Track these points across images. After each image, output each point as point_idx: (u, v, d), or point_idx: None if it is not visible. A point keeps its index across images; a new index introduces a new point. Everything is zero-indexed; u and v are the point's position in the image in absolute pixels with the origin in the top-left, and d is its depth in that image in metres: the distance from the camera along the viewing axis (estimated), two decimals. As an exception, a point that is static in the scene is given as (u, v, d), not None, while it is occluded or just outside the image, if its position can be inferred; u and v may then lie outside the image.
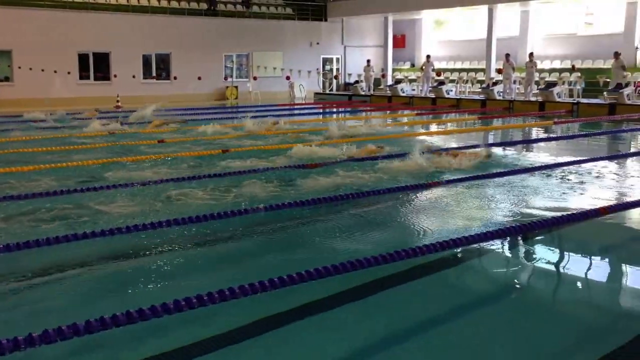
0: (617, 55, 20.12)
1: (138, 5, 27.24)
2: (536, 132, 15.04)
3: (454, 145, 11.38)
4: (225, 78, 28.82)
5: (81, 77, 25.49)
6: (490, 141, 12.97)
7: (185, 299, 3.66)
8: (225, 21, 28.95)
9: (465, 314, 4.15)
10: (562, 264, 5.16)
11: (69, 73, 24.53)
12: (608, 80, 20.88)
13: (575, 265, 5.19)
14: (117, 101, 22.39)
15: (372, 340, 3.73)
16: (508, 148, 11.58)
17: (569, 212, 6.29)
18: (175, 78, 27.32)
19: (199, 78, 27.11)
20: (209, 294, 3.72)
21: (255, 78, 28.74)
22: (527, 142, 12.82)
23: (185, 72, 27.17)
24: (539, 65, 26.08)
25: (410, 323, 3.97)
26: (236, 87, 28.54)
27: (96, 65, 25.85)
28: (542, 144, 12.39)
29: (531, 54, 22.97)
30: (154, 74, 27.41)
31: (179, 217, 5.82)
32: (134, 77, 26.09)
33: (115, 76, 25.84)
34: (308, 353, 3.60)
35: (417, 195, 7.45)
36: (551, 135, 14.10)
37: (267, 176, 8.22)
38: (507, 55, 23.02)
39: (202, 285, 3.97)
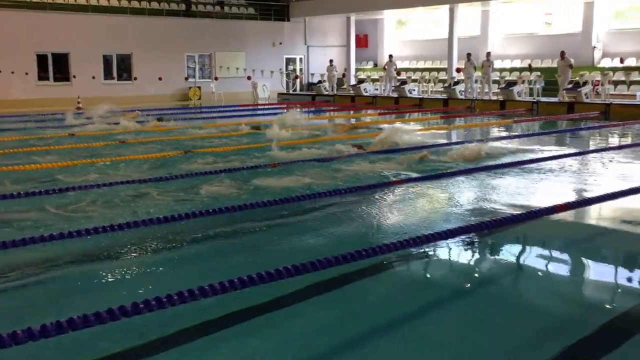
0: (563, 54, 20.56)
1: (98, 5, 26.76)
2: (497, 131, 15.21)
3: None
4: (187, 79, 28.52)
5: (40, 78, 24.95)
6: (453, 140, 13.06)
7: (143, 301, 3.56)
8: (187, 21, 28.64)
9: (428, 311, 4.15)
10: (521, 260, 5.19)
11: (26, 74, 23.97)
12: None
13: (535, 260, 5.23)
14: (78, 102, 21.95)
15: (336, 338, 3.70)
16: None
17: (527, 210, 6.36)
18: (136, 79, 26.92)
19: (160, 79, 26.77)
20: (168, 296, 3.62)
21: (217, 79, 28.50)
22: (489, 141, 12.91)
23: (146, 72, 26.79)
24: (500, 65, 26.48)
25: (373, 321, 3.94)
26: (199, 87, 28.26)
27: (55, 66, 25.30)
28: (503, 142, 12.51)
29: (488, 54, 23.30)
30: (114, 74, 26.95)
31: (138, 219, 5.69)
32: (94, 78, 25.64)
33: (74, 77, 25.34)
34: (269, 350, 3.55)
35: (380, 194, 7.44)
36: (512, 133, 14.27)
37: (230, 177, 8.14)
38: (469, 54, 23.31)
39: (166, 286, 3.88)
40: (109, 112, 17.08)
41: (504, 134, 14.32)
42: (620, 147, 11.68)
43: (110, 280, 4.66)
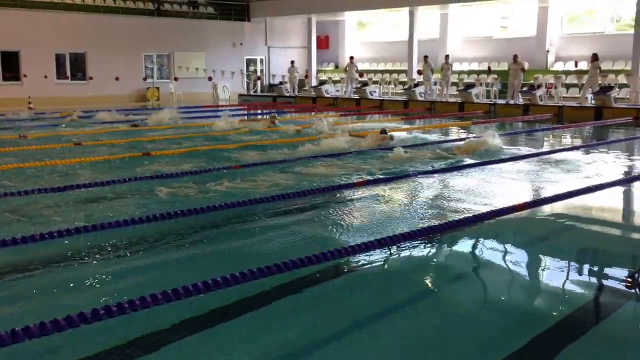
0: (515, 58, 20.97)
1: (49, 2, 26.07)
2: (456, 132, 15.38)
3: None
4: (145, 79, 28.11)
5: (-12, 77, 24.25)
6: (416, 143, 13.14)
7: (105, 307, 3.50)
8: (144, 20, 28.23)
9: (386, 314, 4.15)
10: (480, 259, 5.24)
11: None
12: (523, 82, 21.66)
13: (493, 259, 5.29)
14: (29, 103, 21.42)
15: (296, 342, 3.68)
16: (430, 148, 11.78)
17: (487, 210, 6.45)
18: (91, 78, 26.39)
19: (117, 79, 26.31)
20: (130, 302, 3.56)
21: (176, 79, 28.17)
22: (448, 142, 13.05)
23: (102, 72, 26.28)
24: (459, 67, 26.87)
25: (331, 327, 3.93)
26: (157, 88, 27.89)
27: (5, 65, 24.57)
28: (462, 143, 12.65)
29: (447, 56, 23.64)
30: (68, 74, 26.35)
31: (97, 223, 5.56)
32: (46, 77, 25.03)
33: (25, 76, 24.68)
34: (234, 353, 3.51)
35: (343, 195, 7.45)
36: (470, 135, 14.43)
37: (191, 179, 8.05)
38: (425, 57, 23.70)
39: (123, 293, 3.80)
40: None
41: (471, 135, 14.47)
42: (574, 148, 11.94)
43: (60, 288, 4.52)
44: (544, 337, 3.70)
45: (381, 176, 8.46)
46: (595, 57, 19.55)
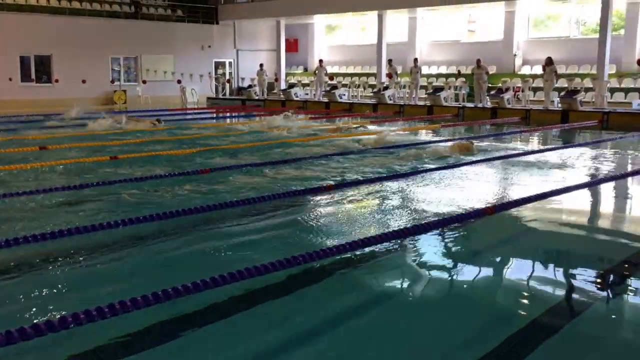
0: (478, 62, 21.24)
1: (13, 4, 25.54)
2: (425, 135, 15.45)
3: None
4: (113, 82, 27.72)
5: (-50, 80, 23.67)
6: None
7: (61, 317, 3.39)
8: (111, 22, 27.83)
9: (358, 312, 4.13)
10: (449, 262, 5.24)
11: None
12: (491, 85, 21.91)
13: (463, 261, 5.29)
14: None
15: (263, 345, 3.63)
16: (402, 150, 11.82)
17: (457, 213, 6.46)
18: (57, 81, 25.92)
19: (84, 81, 25.87)
20: (86, 311, 3.44)
21: (144, 82, 27.83)
22: (418, 144, 13.09)
23: (68, 75, 25.83)
24: (427, 71, 27.07)
25: (301, 327, 3.90)
26: (124, 91, 27.51)
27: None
28: (430, 146, 12.70)
29: (415, 60, 23.84)
30: (33, 76, 25.85)
31: (55, 230, 5.41)
32: (10, 79, 24.50)
33: (-11, 79, 24.18)
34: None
35: (309, 199, 7.40)
36: (440, 137, 14.52)
37: (159, 183, 7.93)
38: (390, 60, 23.94)
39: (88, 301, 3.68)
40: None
41: (438, 137, 14.54)
42: (542, 151, 12.06)
43: (14, 298, 4.38)
44: (516, 337, 3.70)
45: (345, 181, 8.43)
46: (550, 61, 19.86)
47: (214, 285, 3.96)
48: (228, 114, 22.30)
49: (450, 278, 4.93)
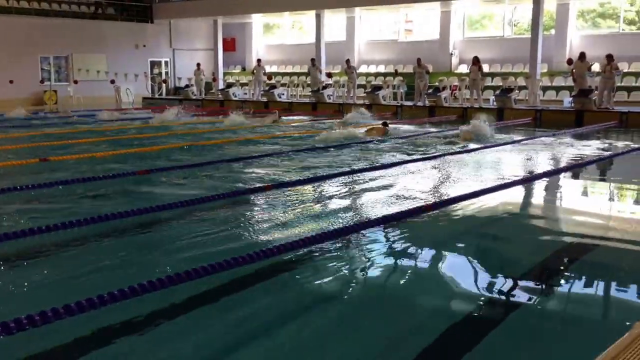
0: (419, 61, 21.53)
1: None
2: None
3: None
4: (42, 82, 26.69)
5: None
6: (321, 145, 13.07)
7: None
8: (40, 20, 26.80)
9: (301, 315, 4.08)
10: (387, 260, 5.17)
11: None
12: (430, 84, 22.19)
13: (401, 259, 5.22)
14: None
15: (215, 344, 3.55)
16: (344, 150, 11.77)
17: (396, 211, 6.41)
18: (-19, 81, 24.79)
19: (11, 82, 24.77)
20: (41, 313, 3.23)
21: (76, 82, 26.91)
22: (360, 143, 13.08)
23: (-7, 75, 24.73)
24: (366, 70, 27.23)
25: (249, 326, 3.80)
26: (55, 91, 26.55)
27: None
28: (370, 144, 12.71)
29: (348, 61, 23.96)
30: (-44, 76, 24.65)
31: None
32: None
33: None
34: None
35: (251, 199, 7.23)
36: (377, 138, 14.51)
37: (93, 186, 7.60)
38: (312, 60, 24.10)
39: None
40: None
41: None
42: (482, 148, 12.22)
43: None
44: (454, 332, 3.70)
45: (286, 180, 8.29)
46: (476, 60, 20.27)
47: (141, 291, 3.80)
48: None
49: (389, 274, 4.87)
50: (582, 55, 18.37)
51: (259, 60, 26.77)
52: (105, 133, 14.17)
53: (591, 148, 12.43)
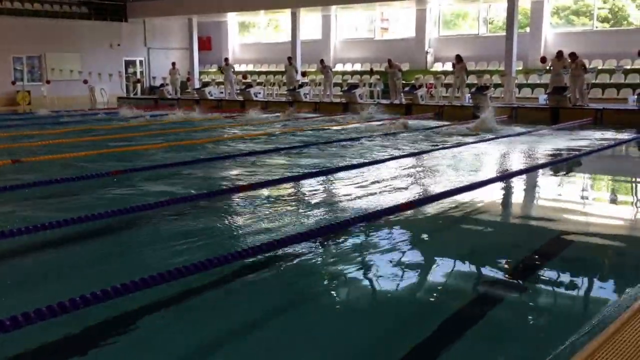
0: (390, 62, 21.61)
1: None
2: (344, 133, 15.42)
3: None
4: (15, 82, 26.25)
5: None
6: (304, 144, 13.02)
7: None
8: (11, 20, 26.35)
9: (275, 317, 4.02)
10: (368, 260, 5.13)
11: None
12: (405, 82, 22.22)
13: (382, 258, 5.19)
14: None
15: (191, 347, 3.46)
16: (322, 147, 11.75)
17: (374, 210, 6.38)
18: (-49, 82, 24.31)
19: (-19, 82, 24.39)
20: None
21: (49, 82, 26.51)
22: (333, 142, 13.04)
23: (-36, 75, 24.27)
24: (342, 68, 27.23)
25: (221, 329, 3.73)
26: (28, 92, 26.14)
27: None
28: (345, 143, 12.66)
29: (322, 61, 23.92)
30: None
31: None
32: None
33: None
34: None
35: (228, 199, 7.15)
36: (352, 135, 14.48)
37: (64, 187, 7.46)
38: (289, 58, 24.10)
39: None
40: None
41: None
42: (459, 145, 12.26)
43: None
44: (437, 331, 3.70)
45: (264, 180, 8.22)
46: (460, 59, 20.35)
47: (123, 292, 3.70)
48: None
49: (371, 274, 4.82)
50: (560, 54, 18.53)
51: (226, 60, 26.65)
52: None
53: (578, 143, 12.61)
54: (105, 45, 29.21)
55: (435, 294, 4.48)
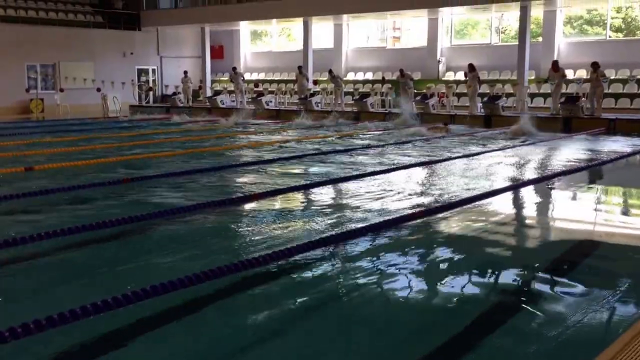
0: (402, 72, 21.60)
1: None
2: (351, 141, 15.40)
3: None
4: (28, 90, 26.48)
5: None
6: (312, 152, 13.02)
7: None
8: (27, 28, 26.60)
9: (290, 322, 4.02)
10: (383, 267, 5.11)
11: None
12: (416, 91, 22.18)
13: (397, 267, 5.16)
14: None
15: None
16: (329, 156, 11.73)
17: (387, 218, 6.36)
18: (-34, 89, 24.54)
19: (-4, 90, 24.61)
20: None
21: (62, 90, 26.71)
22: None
23: (-21, 83, 24.50)
24: (354, 77, 27.24)
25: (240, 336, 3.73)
26: (42, 99, 26.34)
27: None
28: (358, 151, 12.65)
29: (330, 71, 23.93)
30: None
31: None
32: None
33: None
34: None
35: (231, 209, 7.16)
36: (365, 143, 14.48)
37: (74, 195, 7.51)
38: (300, 67, 24.21)
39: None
40: None
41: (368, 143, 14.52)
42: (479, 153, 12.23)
43: None
44: (452, 339, 3.68)
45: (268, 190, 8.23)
46: (472, 68, 20.29)
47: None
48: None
49: (385, 282, 4.80)
50: (555, 64, 18.99)
51: (234, 68, 26.75)
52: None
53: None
54: (118, 54, 29.42)
55: (448, 303, 4.44)
